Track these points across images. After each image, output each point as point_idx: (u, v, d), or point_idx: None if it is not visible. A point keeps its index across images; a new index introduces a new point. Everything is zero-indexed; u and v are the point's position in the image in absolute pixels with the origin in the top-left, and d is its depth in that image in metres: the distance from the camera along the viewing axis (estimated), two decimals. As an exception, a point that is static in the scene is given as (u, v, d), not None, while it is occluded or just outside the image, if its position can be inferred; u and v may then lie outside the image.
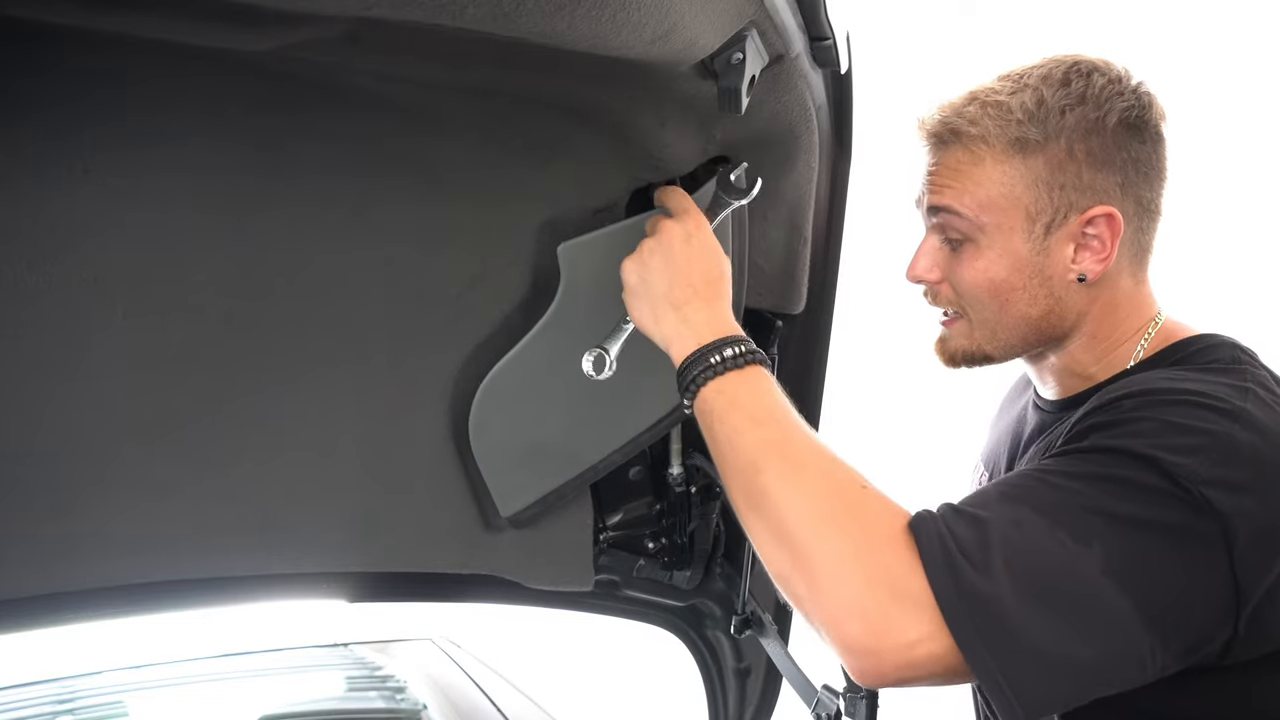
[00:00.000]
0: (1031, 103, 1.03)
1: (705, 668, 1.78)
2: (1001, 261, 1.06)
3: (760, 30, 1.03)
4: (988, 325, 1.10)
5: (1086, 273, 1.05)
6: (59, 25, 0.86)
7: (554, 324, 1.24)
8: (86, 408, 1.09)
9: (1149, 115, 1.05)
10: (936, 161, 1.09)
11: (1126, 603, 0.84)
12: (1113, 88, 1.03)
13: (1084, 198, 1.03)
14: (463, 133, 1.13)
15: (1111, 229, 1.03)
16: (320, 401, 1.21)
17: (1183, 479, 0.86)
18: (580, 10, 0.84)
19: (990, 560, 0.85)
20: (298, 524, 1.27)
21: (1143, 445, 0.88)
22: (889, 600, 0.85)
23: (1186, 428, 0.89)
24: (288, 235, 1.12)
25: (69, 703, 1.86)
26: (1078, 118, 1.02)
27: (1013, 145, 1.04)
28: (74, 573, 1.16)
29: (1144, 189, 1.05)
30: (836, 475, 0.94)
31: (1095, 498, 0.88)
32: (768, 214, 1.32)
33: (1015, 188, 1.04)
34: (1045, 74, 1.05)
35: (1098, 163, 1.03)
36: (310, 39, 0.90)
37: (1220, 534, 0.85)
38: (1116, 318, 1.08)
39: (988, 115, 1.05)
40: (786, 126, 1.21)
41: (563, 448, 1.36)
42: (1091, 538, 0.86)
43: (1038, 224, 1.05)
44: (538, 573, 1.44)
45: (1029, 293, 1.07)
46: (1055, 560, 0.85)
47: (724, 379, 1.01)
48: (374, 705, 1.96)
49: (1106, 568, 0.85)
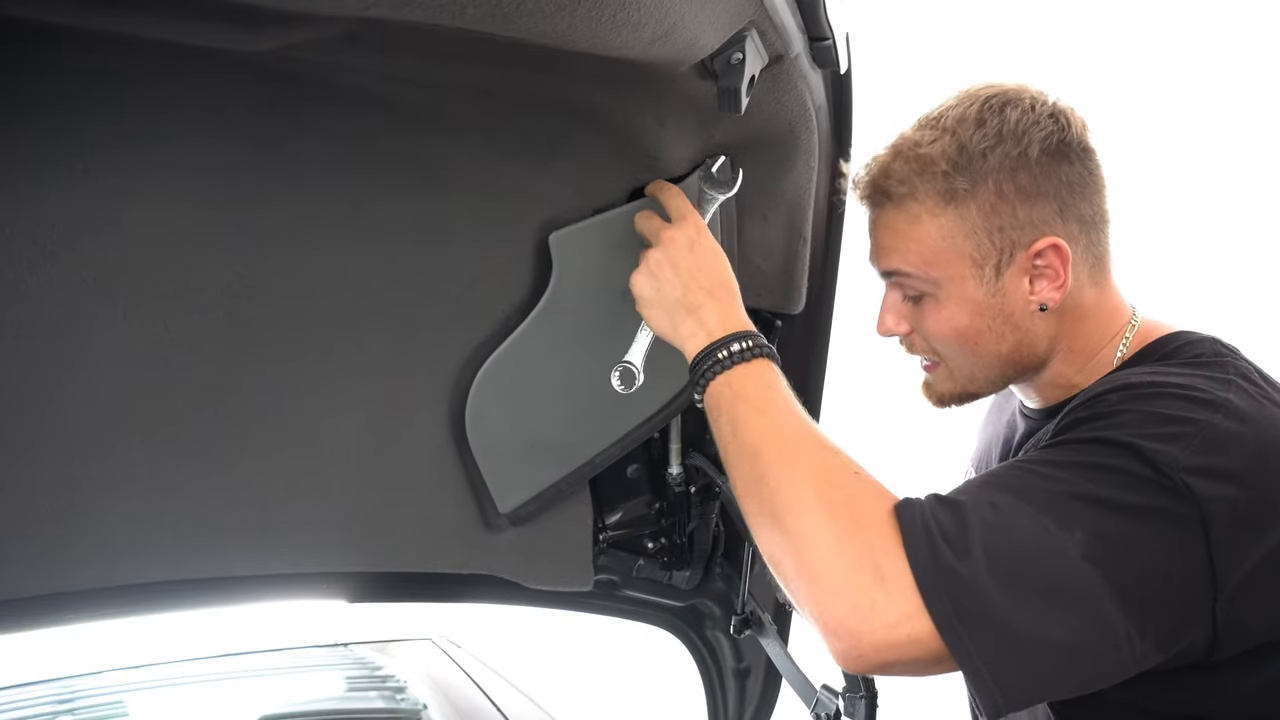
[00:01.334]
0: (953, 150, 1.03)
1: (705, 668, 1.79)
2: (962, 309, 1.08)
3: (760, 30, 1.04)
4: (965, 368, 1.13)
5: (1046, 301, 1.06)
6: (58, 25, 0.86)
7: (548, 313, 1.25)
8: (87, 407, 1.09)
9: (1069, 135, 1.04)
10: (875, 221, 1.11)
11: (1104, 586, 0.85)
12: (1028, 118, 1.03)
13: (1025, 234, 1.04)
14: (462, 132, 1.13)
15: (1060, 256, 1.04)
16: (320, 401, 1.21)
17: (1163, 465, 0.87)
18: (580, 10, 0.84)
19: (969, 542, 0.87)
20: (297, 524, 1.27)
21: (1125, 434, 0.90)
22: (872, 581, 0.87)
23: (1168, 417, 0.91)
24: (288, 234, 1.12)
25: (69, 703, 1.86)
26: (1000, 157, 1.02)
27: (943, 198, 1.04)
28: (74, 573, 1.16)
29: (1083, 206, 1.05)
30: (830, 461, 0.96)
31: (1076, 483, 0.89)
32: (767, 214, 1.32)
33: (955, 239, 1.05)
34: (960, 115, 1.05)
35: (1029, 197, 1.03)
36: (310, 39, 0.90)
37: (1198, 519, 0.87)
38: (1089, 329, 1.09)
39: (914, 172, 1.05)
40: (786, 126, 1.21)
41: (560, 442, 1.37)
42: (1071, 522, 0.87)
43: (986, 268, 1.06)
44: (537, 573, 1.44)
45: (995, 332, 1.08)
46: (1034, 543, 0.87)
47: (731, 372, 1.04)
48: (374, 705, 1.96)
49: (1086, 552, 0.86)
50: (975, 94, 1.06)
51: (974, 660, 0.84)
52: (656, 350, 1.25)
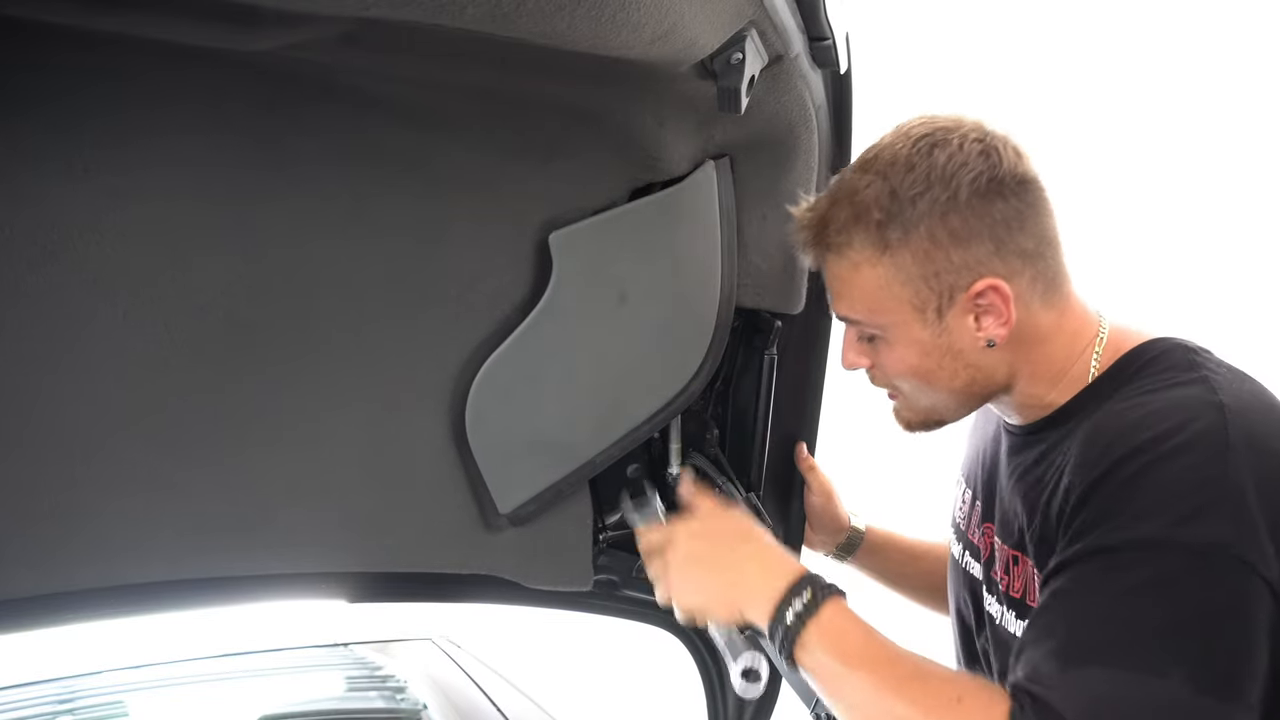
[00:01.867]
0: (885, 197, 1.03)
1: (705, 668, 1.78)
2: (911, 350, 1.09)
3: (759, 30, 1.04)
4: (924, 402, 1.15)
5: (993, 338, 1.06)
6: (58, 24, 0.86)
7: (548, 313, 1.25)
8: (87, 407, 1.09)
9: (1000, 171, 1.03)
10: (823, 268, 1.12)
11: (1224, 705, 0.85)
12: (955, 160, 1.02)
13: (962, 277, 1.04)
14: (462, 132, 1.13)
15: (1000, 295, 1.04)
16: (320, 400, 1.21)
17: (1206, 551, 0.87)
18: (580, 10, 0.84)
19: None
20: (297, 524, 1.27)
21: (1154, 529, 0.89)
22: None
23: (1185, 489, 0.90)
24: (288, 235, 1.12)
25: (69, 703, 1.86)
26: (929, 203, 1.02)
27: (878, 247, 1.05)
28: (74, 572, 1.16)
29: (1022, 239, 1.04)
30: (937, 695, 0.95)
31: (1141, 617, 0.88)
32: (767, 214, 1.32)
33: (893, 287, 1.06)
34: (892, 157, 1.05)
35: (961, 240, 1.03)
36: (309, 39, 0.90)
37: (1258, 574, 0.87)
38: (1052, 350, 1.09)
39: (850, 220, 1.06)
40: (786, 127, 1.21)
41: (560, 442, 1.37)
42: (1164, 666, 0.85)
43: (928, 311, 1.06)
44: (537, 573, 1.44)
45: (947, 370, 1.09)
46: (1144, 709, 0.85)
47: (805, 635, 1.02)
48: (374, 705, 1.96)
49: (1192, 686, 0.84)
50: (908, 132, 1.06)
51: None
52: (657, 351, 1.26)
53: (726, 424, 1.54)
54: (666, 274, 1.32)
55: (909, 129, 1.07)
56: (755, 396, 1.49)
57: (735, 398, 1.53)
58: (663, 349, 1.38)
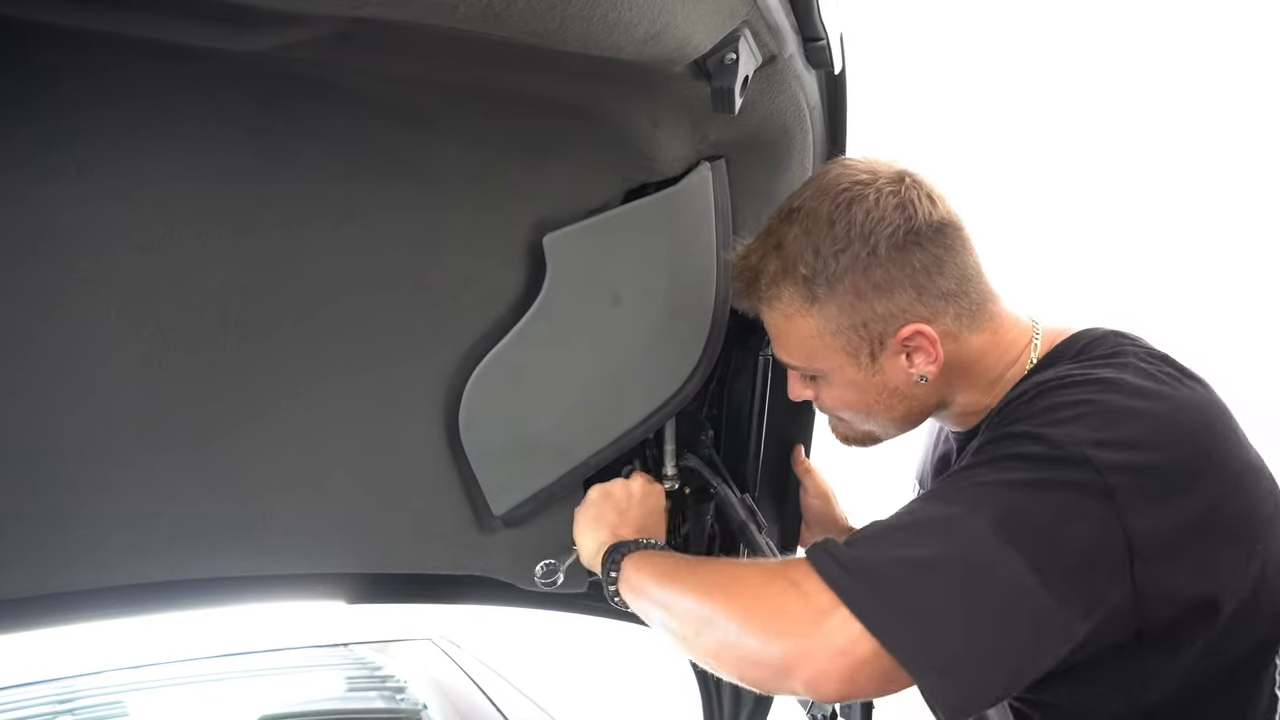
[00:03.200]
0: (809, 254, 1.08)
1: (701, 669, 1.78)
2: (849, 390, 1.16)
3: (753, 30, 1.04)
4: (863, 426, 1.23)
5: (925, 374, 1.11)
6: (52, 24, 0.86)
7: (542, 315, 1.25)
8: (83, 408, 1.09)
9: (916, 222, 1.07)
10: (759, 316, 1.18)
11: (1020, 559, 0.87)
12: (873, 216, 1.06)
13: (889, 325, 1.08)
14: (456, 132, 1.13)
15: (926, 337, 1.08)
16: (315, 402, 1.21)
17: (1062, 442, 0.91)
18: (570, 10, 0.84)
19: (871, 539, 0.93)
20: (293, 524, 1.27)
21: (1027, 425, 0.96)
22: (805, 613, 0.91)
23: (1067, 403, 0.96)
24: (283, 235, 1.12)
25: (69, 703, 1.86)
26: (851, 258, 1.06)
27: (806, 301, 1.10)
28: (74, 573, 1.16)
29: (942, 282, 1.08)
30: (730, 565, 1.05)
31: (980, 474, 0.94)
32: (761, 214, 1.32)
33: (824, 336, 1.12)
34: (813, 211, 1.09)
35: (884, 291, 1.07)
36: (304, 39, 0.90)
37: (1102, 487, 0.89)
38: (986, 365, 1.12)
39: (779, 273, 1.11)
40: (780, 127, 1.21)
41: (553, 443, 1.37)
42: (979, 506, 0.91)
43: (861, 356, 1.12)
44: (533, 574, 1.44)
45: (884, 404, 1.16)
46: (943, 531, 0.91)
47: (622, 565, 1.20)
48: (374, 705, 1.96)
49: (996, 529, 0.88)
50: (827, 185, 1.10)
51: (912, 656, 0.87)
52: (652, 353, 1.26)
53: (721, 425, 1.54)
54: (661, 275, 1.32)
55: (827, 181, 1.11)
56: (750, 397, 1.49)
57: (730, 399, 1.53)
58: (657, 350, 1.38)
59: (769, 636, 0.92)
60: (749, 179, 1.29)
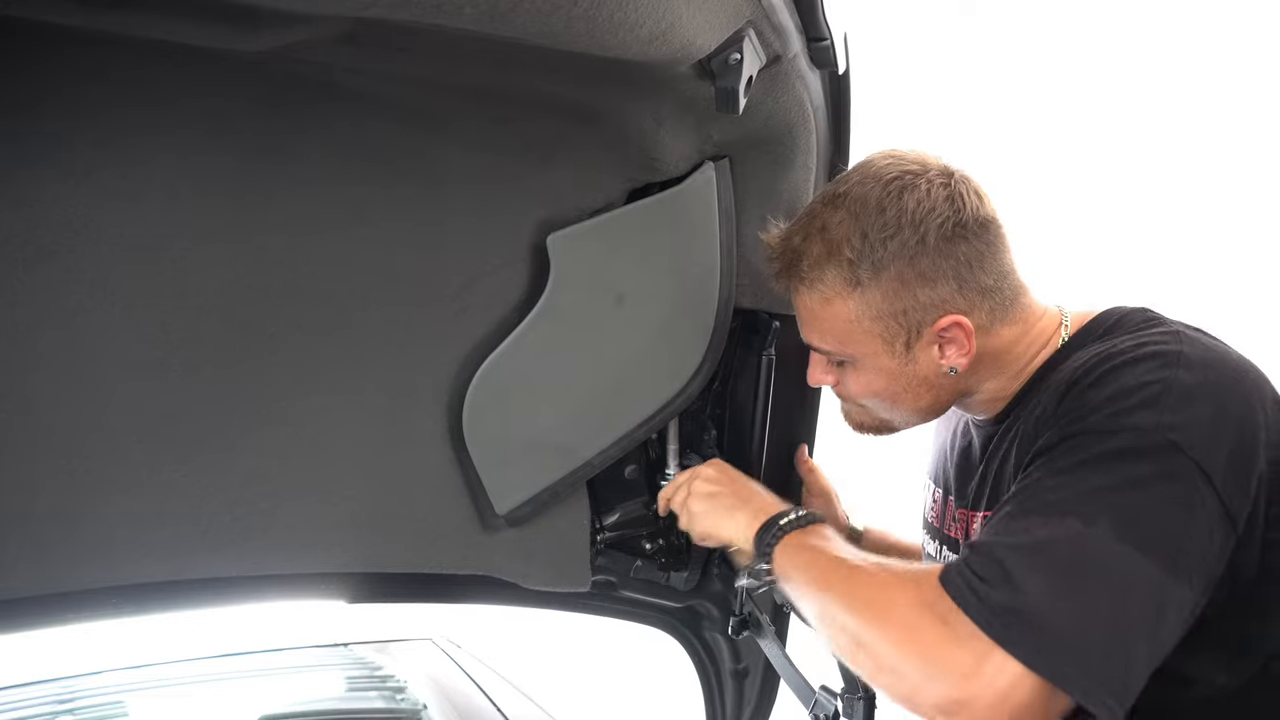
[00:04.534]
0: (856, 238, 1.08)
1: (703, 669, 1.78)
2: (878, 377, 1.16)
3: (758, 30, 1.04)
4: (883, 415, 1.22)
5: (956, 366, 1.12)
6: (59, 25, 0.86)
7: (546, 314, 1.25)
8: (86, 408, 1.09)
9: (964, 216, 1.08)
10: (793, 298, 1.17)
11: (1146, 559, 0.88)
12: (924, 206, 1.07)
13: (928, 314, 1.09)
14: (461, 133, 1.13)
15: (963, 330, 1.09)
16: (318, 401, 1.21)
17: (1149, 431, 0.91)
18: (576, 10, 0.84)
19: (1007, 572, 0.90)
20: (296, 524, 1.27)
21: (1104, 418, 0.95)
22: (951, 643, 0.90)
23: (1134, 386, 0.95)
24: (286, 235, 1.12)
25: (69, 703, 1.86)
26: (899, 245, 1.07)
27: (849, 284, 1.10)
28: (78, 573, 1.16)
29: (982, 277, 1.09)
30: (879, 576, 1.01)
31: (1083, 481, 0.93)
32: (765, 214, 1.32)
33: (863, 322, 1.11)
34: (862, 197, 1.09)
35: (929, 281, 1.08)
36: (309, 39, 0.90)
37: (1200, 472, 0.90)
38: (1014, 356, 1.14)
39: (822, 256, 1.10)
40: (784, 127, 1.21)
41: (557, 443, 1.37)
42: (1095, 517, 0.90)
43: (896, 344, 1.12)
44: (535, 574, 1.44)
45: (911, 393, 1.16)
46: (1068, 549, 0.90)
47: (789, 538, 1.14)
48: (374, 705, 1.96)
49: (1118, 537, 0.89)
50: (877, 172, 1.10)
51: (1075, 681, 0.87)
52: (655, 352, 1.25)
53: (725, 425, 1.54)
54: (665, 275, 1.32)
55: (876, 169, 1.11)
56: (753, 397, 1.50)
57: (733, 399, 1.53)
58: (661, 350, 1.38)
59: (929, 675, 0.91)
60: (753, 179, 1.29)
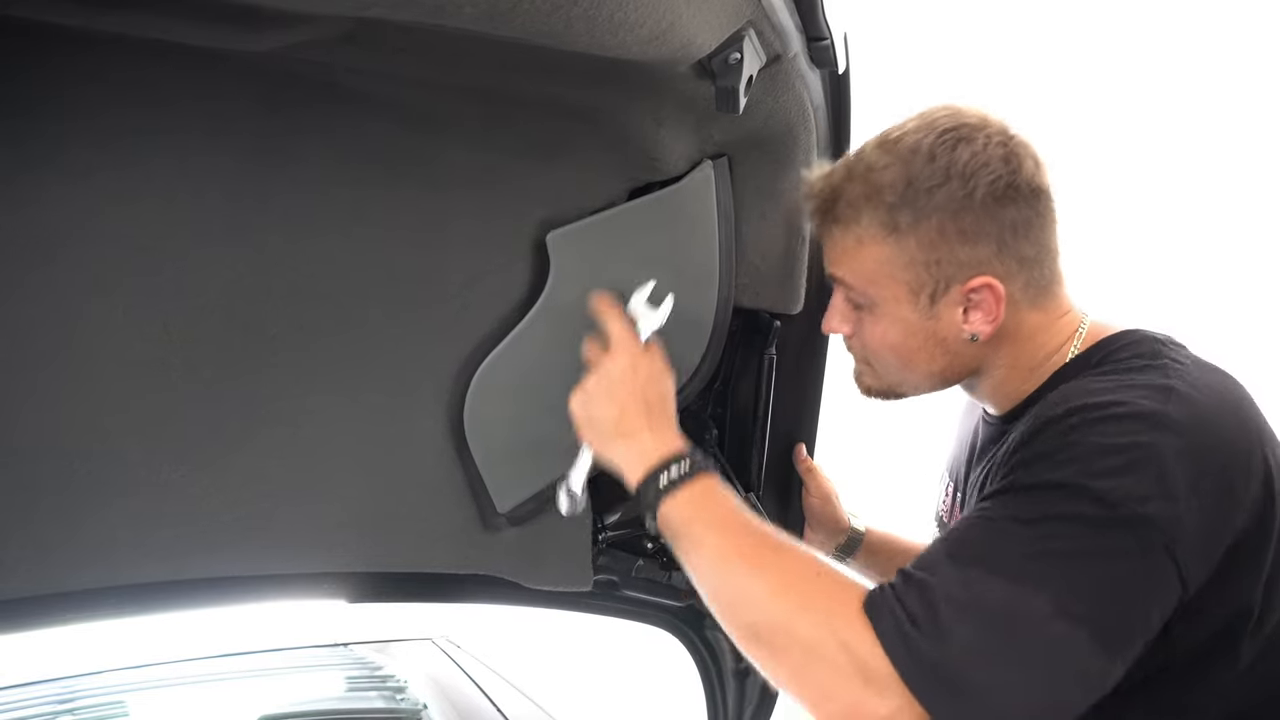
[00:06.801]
0: (901, 183, 1.05)
1: (704, 668, 1.78)
2: (896, 328, 1.12)
3: (758, 30, 1.04)
4: (894, 375, 1.18)
5: (978, 333, 1.09)
6: (58, 25, 0.86)
7: (546, 312, 1.25)
8: (85, 407, 1.09)
9: (1018, 179, 1.04)
10: (824, 235, 1.14)
11: (1084, 636, 0.86)
12: (978, 159, 1.04)
13: (961, 271, 1.06)
14: (460, 132, 1.13)
15: (994, 294, 1.06)
16: (319, 400, 1.21)
17: (1118, 503, 0.88)
18: (576, 10, 0.84)
19: (939, 624, 0.87)
20: (296, 524, 1.27)
21: (1077, 474, 0.91)
22: (858, 683, 0.88)
23: (1115, 447, 0.91)
24: (287, 234, 1.12)
25: (69, 703, 1.86)
26: (945, 196, 1.03)
27: (886, 228, 1.06)
28: (74, 573, 1.16)
29: (1025, 246, 1.06)
30: (792, 568, 0.98)
31: (1039, 541, 0.90)
32: (766, 214, 1.32)
33: (893, 267, 1.08)
34: (915, 145, 1.06)
35: (969, 238, 1.05)
36: (309, 39, 0.90)
37: (1161, 543, 0.88)
38: (1033, 347, 1.11)
39: (862, 196, 1.07)
40: (784, 126, 1.21)
41: (558, 441, 1.37)
42: (1041, 583, 0.87)
43: (921, 295, 1.08)
44: (537, 573, 1.44)
45: (926, 352, 1.12)
46: (1006, 610, 0.87)
47: (676, 496, 1.07)
48: (374, 705, 1.96)
49: (1058, 609, 0.86)
50: (934, 122, 1.07)
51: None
52: None
53: (725, 424, 1.54)
54: (665, 274, 1.32)
55: (934, 119, 1.07)
56: (754, 397, 1.50)
57: (734, 398, 1.53)
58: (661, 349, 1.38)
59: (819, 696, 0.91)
60: (752, 178, 1.29)
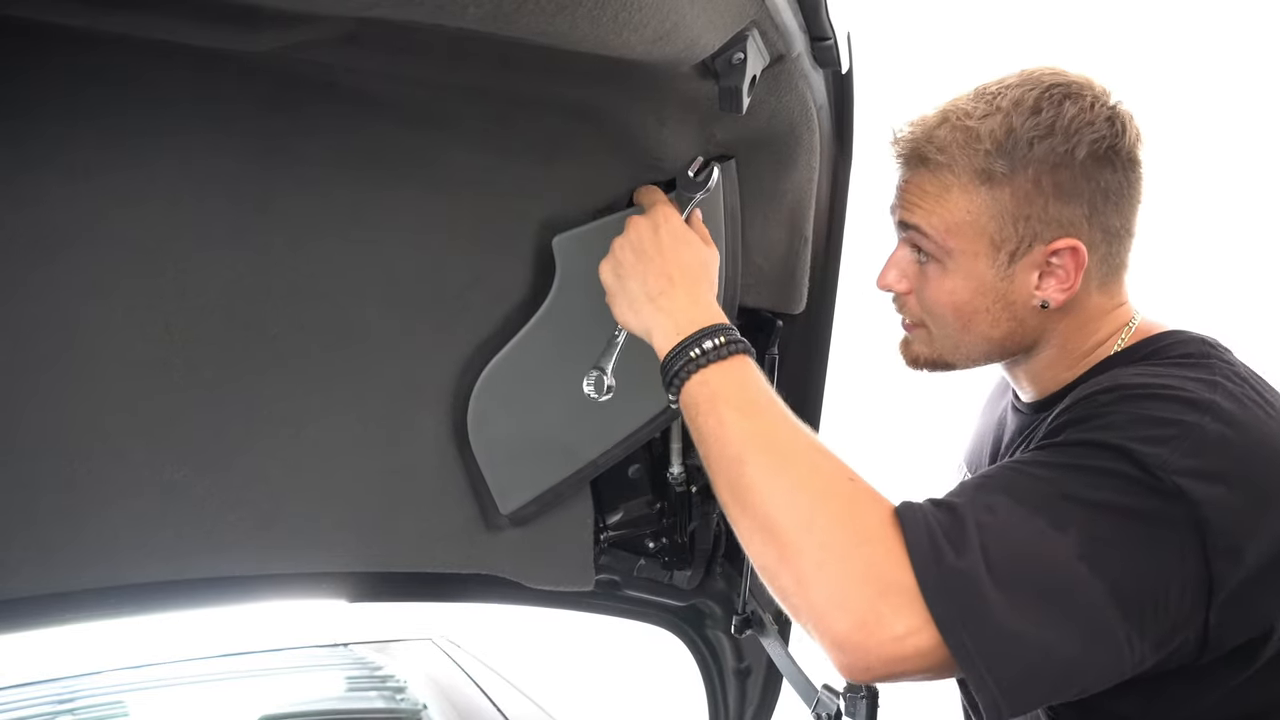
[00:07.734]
0: (1001, 131, 1.02)
1: (705, 668, 1.78)
2: (966, 285, 1.08)
3: (761, 30, 1.03)
4: (950, 340, 1.13)
5: (1049, 300, 1.06)
6: (60, 25, 0.86)
7: (550, 316, 1.25)
8: (87, 407, 1.09)
9: (1121, 143, 1.03)
10: (906, 179, 1.10)
11: (1102, 586, 0.85)
12: (1083, 117, 1.02)
13: (1049, 230, 1.03)
14: (464, 132, 1.13)
15: (1075, 260, 1.04)
16: (321, 401, 1.21)
17: (1155, 468, 0.87)
18: (581, 10, 0.84)
19: (967, 542, 0.85)
20: (298, 524, 1.27)
21: (1116, 437, 0.90)
22: (877, 594, 0.85)
23: (1158, 419, 0.90)
24: (289, 235, 1.12)
25: (69, 703, 1.86)
26: (1046, 149, 1.01)
27: (979, 176, 1.03)
28: (74, 573, 1.16)
29: (1113, 217, 1.04)
30: (823, 467, 0.93)
31: (1069, 485, 0.89)
32: (768, 214, 1.32)
33: (981, 217, 1.04)
34: (1018, 98, 1.03)
35: (1064, 196, 1.02)
36: (311, 39, 0.90)
37: (1193, 522, 0.87)
38: (1087, 332, 1.09)
39: (956, 143, 1.04)
40: (787, 126, 1.21)
41: (561, 443, 1.37)
42: (1066, 524, 0.86)
43: (1002, 252, 1.05)
44: (539, 573, 1.44)
45: (991, 315, 1.08)
46: (1030, 545, 0.86)
47: (706, 371, 1.00)
48: (374, 705, 1.96)
49: (1082, 552, 0.85)
50: (1038, 79, 1.05)
51: (976, 663, 0.84)
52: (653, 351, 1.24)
53: (727, 424, 1.54)
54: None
55: (1037, 76, 1.05)
56: (756, 397, 1.49)
57: (737, 398, 1.52)
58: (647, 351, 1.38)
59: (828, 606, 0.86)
60: (756, 179, 1.29)
